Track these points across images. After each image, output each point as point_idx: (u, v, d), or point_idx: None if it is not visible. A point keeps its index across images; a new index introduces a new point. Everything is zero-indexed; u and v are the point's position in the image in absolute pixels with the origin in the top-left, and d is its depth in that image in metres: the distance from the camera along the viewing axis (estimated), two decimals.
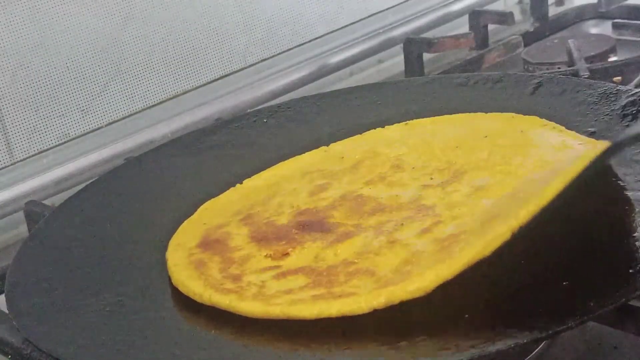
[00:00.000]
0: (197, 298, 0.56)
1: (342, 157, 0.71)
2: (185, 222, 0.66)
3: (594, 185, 0.57)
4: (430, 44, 1.01)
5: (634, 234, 0.53)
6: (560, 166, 0.60)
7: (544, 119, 0.68)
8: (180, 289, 0.58)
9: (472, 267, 0.51)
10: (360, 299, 0.51)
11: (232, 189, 0.70)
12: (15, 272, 0.61)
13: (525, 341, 0.45)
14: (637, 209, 0.55)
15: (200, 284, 0.57)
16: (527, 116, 0.69)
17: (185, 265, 0.59)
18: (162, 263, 0.61)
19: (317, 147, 0.73)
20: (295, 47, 1.05)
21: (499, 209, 0.56)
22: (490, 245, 0.51)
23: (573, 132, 0.66)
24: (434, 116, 0.73)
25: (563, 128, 0.67)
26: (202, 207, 0.68)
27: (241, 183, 0.70)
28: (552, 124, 0.67)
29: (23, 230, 0.81)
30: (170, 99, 0.96)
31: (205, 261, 0.59)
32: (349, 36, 1.08)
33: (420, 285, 0.50)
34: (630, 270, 0.49)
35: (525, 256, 0.53)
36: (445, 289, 0.51)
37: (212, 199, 0.69)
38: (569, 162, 0.61)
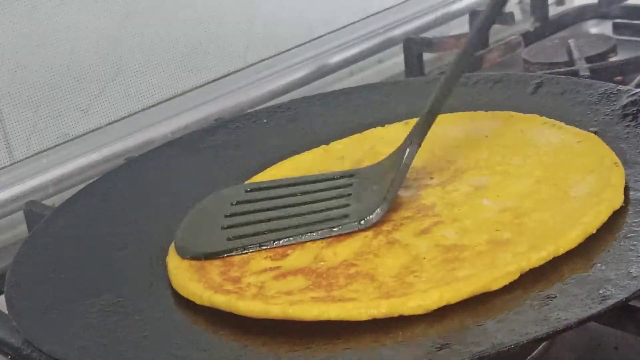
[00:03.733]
0: (196, 300, 0.56)
1: (342, 157, 0.71)
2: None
3: None
4: (430, 44, 1.01)
5: (634, 234, 0.53)
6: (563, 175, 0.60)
7: (543, 117, 0.68)
8: (180, 291, 0.58)
9: None
10: (361, 306, 0.51)
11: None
12: (15, 272, 0.61)
13: (525, 341, 0.45)
14: (637, 209, 0.55)
15: (200, 286, 0.56)
16: (526, 115, 0.69)
17: (185, 268, 0.59)
18: (162, 263, 0.61)
19: (317, 147, 0.73)
20: (295, 47, 1.05)
21: (507, 233, 0.55)
22: (498, 282, 0.51)
23: (573, 128, 0.66)
24: None
25: (563, 124, 0.67)
26: None
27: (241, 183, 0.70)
28: (552, 121, 0.67)
29: (23, 230, 0.81)
30: (170, 99, 0.96)
31: (205, 264, 0.59)
32: (349, 36, 1.08)
33: (422, 304, 0.50)
34: (630, 270, 0.49)
35: None
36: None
37: None
38: (569, 162, 0.62)
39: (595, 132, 0.65)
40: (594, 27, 1.13)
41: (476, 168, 0.64)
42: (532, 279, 0.51)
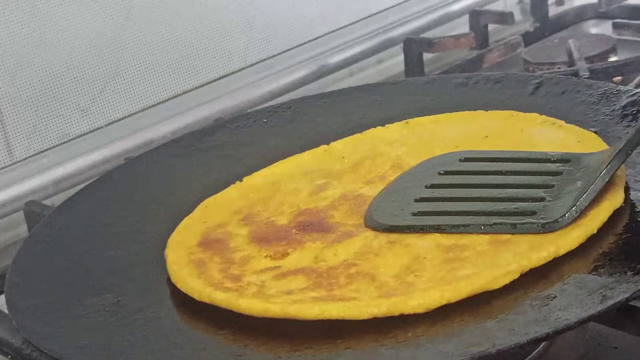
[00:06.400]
0: (196, 295, 0.56)
1: (343, 157, 0.71)
2: (185, 219, 0.66)
3: None
4: (430, 44, 1.01)
5: (634, 234, 0.53)
6: None
7: (543, 116, 0.68)
8: (179, 286, 0.58)
9: None
10: (361, 305, 0.51)
11: (232, 186, 0.70)
12: (15, 272, 0.61)
13: (525, 341, 0.45)
14: (637, 209, 0.55)
15: (200, 282, 0.57)
16: (526, 114, 0.70)
17: (185, 263, 0.59)
18: (162, 263, 0.61)
19: (317, 147, 0.73)
20: (295, 47, 1.05)
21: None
22: (499, 282, 0.51)
23: (573, 127, 0.66)
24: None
25: (563, 123, 0.67)
26: (201, 204, 0.68)
27: (241, 181, 0.70)
28: (552, 119, 0.67)
29: (23, 230, 0.81)
30: (170, 99, 0.96)
31: (205, 261, 0.59)
32: (349, 36, 1.08)
33: (423, 302, 0.50)
34: (630, 271, 0.49)
35: None
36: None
37: (212, 196, 0.69)
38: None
39: (595, 132, 0.65)
40: (594, 27, 1.13)
41: None
42: (533, 279, 0.51)
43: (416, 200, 0.60)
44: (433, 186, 0.61)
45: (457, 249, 0.55)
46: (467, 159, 0.63)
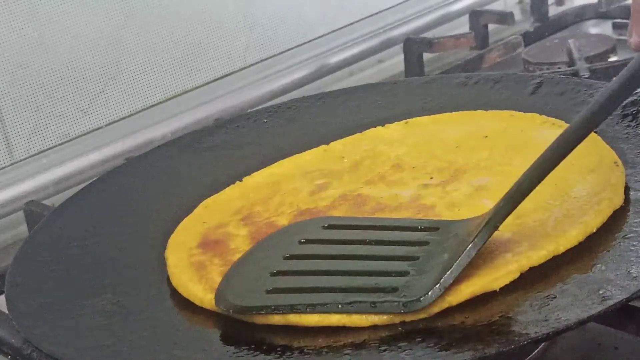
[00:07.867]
0: (197, 302, 0.56)
1: (342, 157, 0.71)
2: (185, 219, 0.66)
3: None
4: (430, 44, 1.01)
5: (634, 234, 0.53)
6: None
7: (543, 116, 0.68)
8: (180, 291, 0.58)
9: None
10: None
11: (232, 186, 0.70)
12: (15, 272, 0.61)
13: (525, 341, 0.45)
14: (637, 209, 0.55)
15: (201, 288, 0.56)
16: (526, 114, 0.70)
17: (186, 266, 0.59)
18: (162, 263, 0.61)
19: (317, 147, 0.73)
20: (295, 47, 1.05)
21: (507, 233, 0.55)
22: (498, 282, 0.50)
23: None
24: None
25: (563, 123, 0.67)
26: (202, 204, 0.68)
27: (241, 181, 0.70)
28: (552, 120, 0.67)
29: (23, 230, 0.82)
30: (170, 99, 0.96)
31: (206, 264, 0.59)
32: (349, 36, 1.08)
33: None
34: (630, 271, 0.49)
35: None
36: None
37: (212, 196, 0.69)
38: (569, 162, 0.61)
39: (595, 132, 0.65)
40: (594, 27, 1.13)
41: (476, 168, 0.64)
42: (533, 279, 0.51)
43: (272, 275, 0.54)
44: (292, 257, 0.56)
45: None
46: (330, 226, 0.58)
